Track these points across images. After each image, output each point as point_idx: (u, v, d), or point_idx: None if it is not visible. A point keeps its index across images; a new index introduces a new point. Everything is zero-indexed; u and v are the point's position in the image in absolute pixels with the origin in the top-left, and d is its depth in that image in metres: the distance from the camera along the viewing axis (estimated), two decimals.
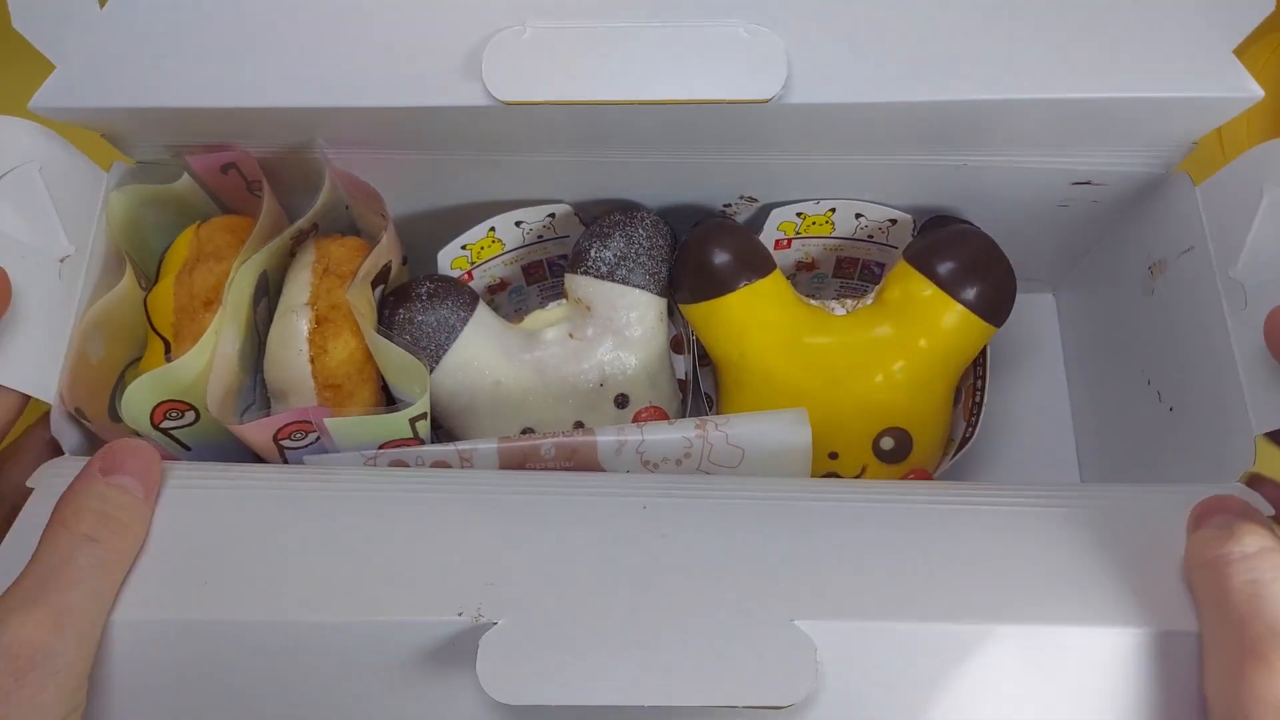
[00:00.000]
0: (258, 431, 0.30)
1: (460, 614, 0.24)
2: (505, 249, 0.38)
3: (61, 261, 0.30)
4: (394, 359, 0.31)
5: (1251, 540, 0.23)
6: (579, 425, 0.36)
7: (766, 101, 0.29)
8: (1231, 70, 0.30)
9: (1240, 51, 0.30)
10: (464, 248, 0.36)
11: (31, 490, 0.26)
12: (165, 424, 0.30)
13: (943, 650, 0.24)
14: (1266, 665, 0.21)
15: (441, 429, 0.37)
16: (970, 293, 0.35)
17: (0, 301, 0.26)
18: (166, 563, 0.25)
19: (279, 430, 0.30)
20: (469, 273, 0.37)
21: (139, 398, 0.29)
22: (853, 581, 0.25)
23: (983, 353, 0.37)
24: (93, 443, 0.30)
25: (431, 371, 0.34)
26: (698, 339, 0.38)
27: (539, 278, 0.40)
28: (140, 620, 0.24)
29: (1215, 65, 0.30)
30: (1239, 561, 0.23)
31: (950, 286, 0.35)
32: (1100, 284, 0.41)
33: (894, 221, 0.37)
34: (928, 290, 0.35)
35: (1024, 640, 0.24)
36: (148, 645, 0.24)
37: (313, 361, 0.30)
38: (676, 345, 0.40)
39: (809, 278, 0.41)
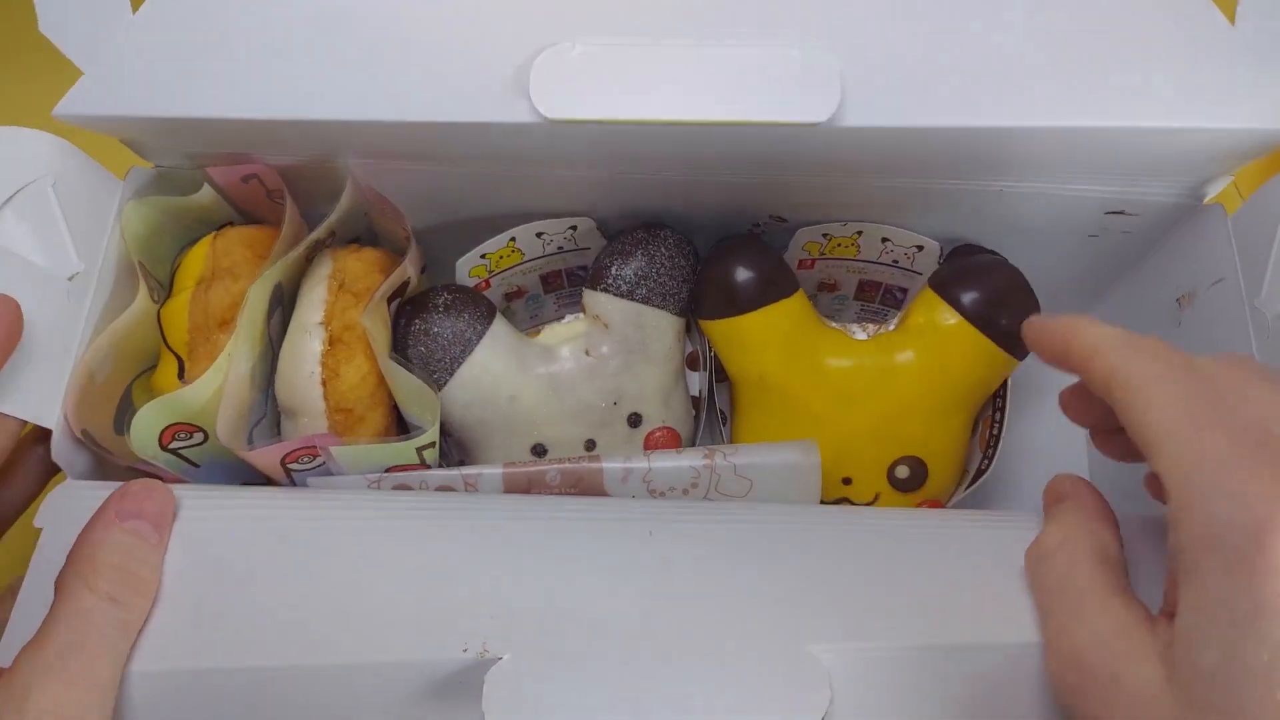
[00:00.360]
0: (265, 457, 0.29)
1: (465, 650, 0.24)
2: (524, 259, 0.37)
3: (70, 279, 0.29)
4: (407, 385, 0.31)
5: (1050, 537, 0.24)
6: (590, 443, 0.36)
7: (817, 125, 0.28)
8: (1277, 103, 0.29)
9: None
10: (483, 256, 0.36)
11: (33, 502, 0.27)
12: (174, 444, 0.30)
13: (958, 670, 0.24)
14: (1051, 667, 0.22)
15: (453, 440, 0.37)
16: (995, 324, 0.34)
17: (12, 336, 0.26)
18: (172, 609, 0.25)
19: (286, 455, 0.30)
20: (487, 281, 0.37)
21: (148, 422, 0.28)
22: (863, 605, 0.25)
23: (1003, 385, 0.37)
24: (97, 465, 0.30)
25: (445, 383, 0.34)
26: (715, 356, 0.37)
27: (557, 286, 0.40)
28: (150, 671, 0.24)
29: (1261, 98, 0.29)
30: (1041, 561, 0.24)
31: (975, 316, 0.34)
32: (1123, 321, 0.40)
33: (920, 248, 0.36)
34: (952, 319, 0.34)
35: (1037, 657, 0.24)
36: (157, 696, 0.24)
37: (324, 384, 0.30)
38: (692, 362, 0.39)
39: (830, 299, 0.40)
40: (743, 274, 0.35)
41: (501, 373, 0.35)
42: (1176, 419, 0.20)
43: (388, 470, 0.31)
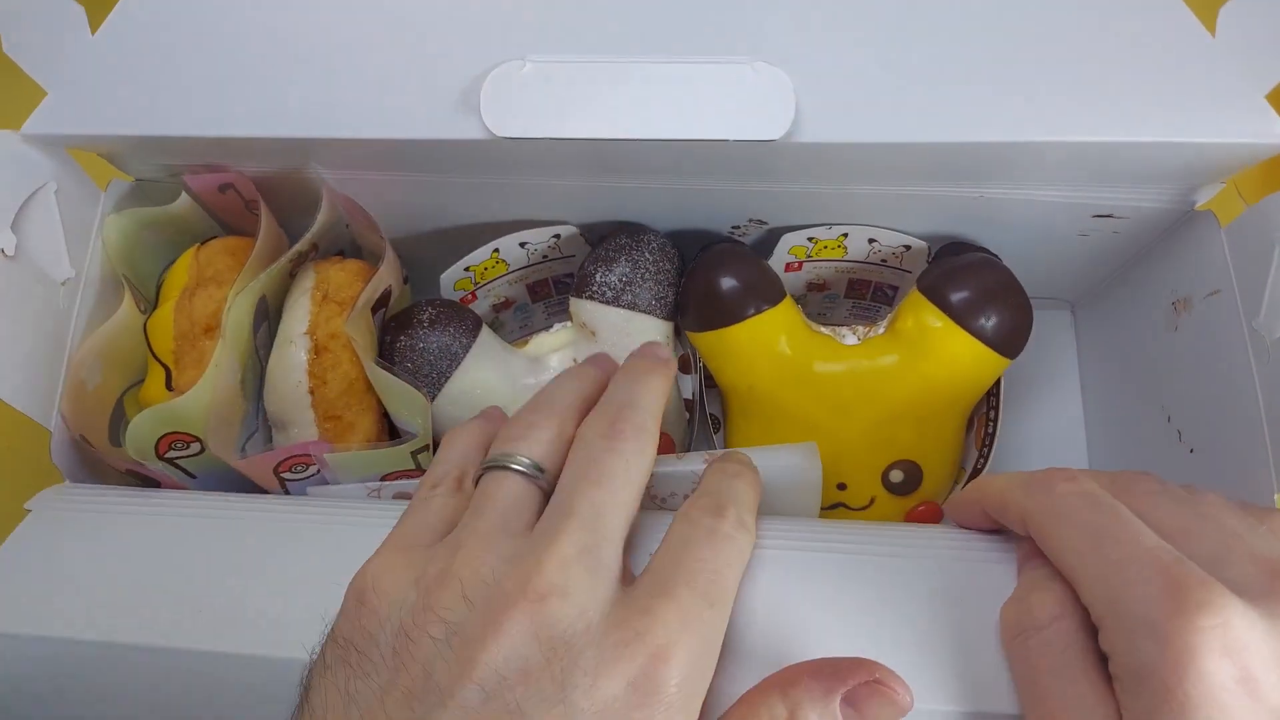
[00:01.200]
0: (257, 466, 0.29)
1: None
2: (509, 269, 0.37)
3: (63, 284, 0.30)
4: (395, 390, 0.31)
5: (1044, 609, 0.22)
6: None
7: (773, 141, 0.28)
8: (1261, 115, 0.28)
9: None
10: (467, 269, 0.36)
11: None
12: (170, 454, 0.30)
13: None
14: None
15: None
16: (983, 325, 0.34)
17: None
18: (156, 587, 0.25)
19: (279, 464, 0.29)
20: (473, 293, 0.37)
21: (143, 432, 0.29)
22: (864, 637, 0.25)
23: (996, 383, 0.37)
24: (93, 470, 0.30)
25: (434, 399, 0.34)
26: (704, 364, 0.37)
27: (544, 295, 0.40)
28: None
29: (1245, 110, 0.29)
30: (1031, 633, 0.22)
31: (963, 318, 0.34)
32: (1121, 308, 0.40)
33: (908, 248, 0.36)
34: (939, 322, 0.34)
35: None
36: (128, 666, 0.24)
37: (312, 393, 0.30)
38: (683, 365, 0.39)
39: (820, 298, 0.40)
40: (727, 284, 0.34)
41: (490, 385, 0.34)
42: (1087, 555, 0.22)
43: (384, 477, 0.31)
